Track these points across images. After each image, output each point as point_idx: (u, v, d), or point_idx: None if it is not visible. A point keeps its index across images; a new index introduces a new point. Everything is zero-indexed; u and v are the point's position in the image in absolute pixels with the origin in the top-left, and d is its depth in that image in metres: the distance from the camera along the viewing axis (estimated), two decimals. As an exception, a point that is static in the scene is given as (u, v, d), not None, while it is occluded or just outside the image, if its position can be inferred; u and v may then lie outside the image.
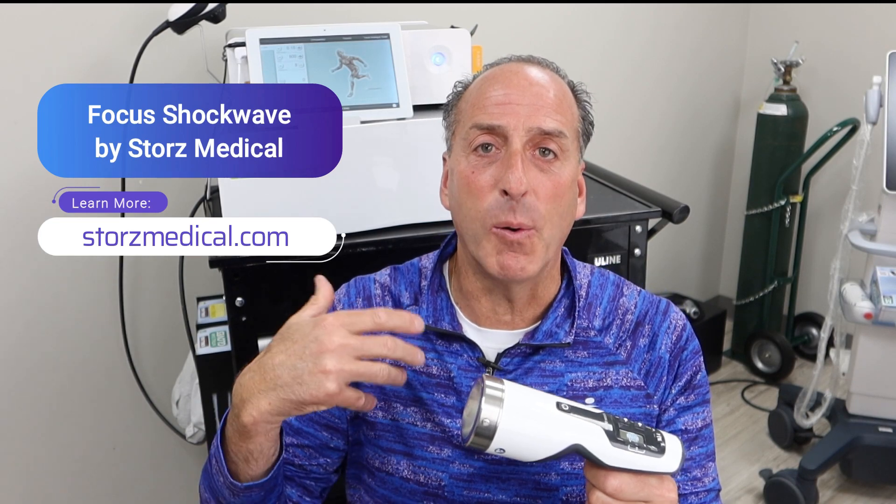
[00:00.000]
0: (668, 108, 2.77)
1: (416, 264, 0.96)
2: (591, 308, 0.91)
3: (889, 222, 1.95)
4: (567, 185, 0.83)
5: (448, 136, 0.90)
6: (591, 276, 0.94)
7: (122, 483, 1.82)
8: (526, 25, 2.23)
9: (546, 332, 0.87)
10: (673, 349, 0.89)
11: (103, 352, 1.71)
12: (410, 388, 0.89)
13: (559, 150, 0.82)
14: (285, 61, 1.20)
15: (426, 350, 0.89)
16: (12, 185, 1.53)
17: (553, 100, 0.83)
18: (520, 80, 0.83)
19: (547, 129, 0.80)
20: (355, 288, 0.96)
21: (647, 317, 0.91)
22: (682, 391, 0.89)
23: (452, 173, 0.87)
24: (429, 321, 0.89)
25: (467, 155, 0.83)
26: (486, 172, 0.81)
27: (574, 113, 0.86)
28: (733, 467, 2.29)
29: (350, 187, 1.23)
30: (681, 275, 3.06)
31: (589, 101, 0.90)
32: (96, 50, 1.56)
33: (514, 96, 0.81)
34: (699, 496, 0.88)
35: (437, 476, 0.87)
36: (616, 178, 1.63)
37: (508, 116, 0.80)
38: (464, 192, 0.83)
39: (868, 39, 2.55)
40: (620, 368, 0.88)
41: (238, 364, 1.27)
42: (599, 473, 0.70)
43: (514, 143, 0.80)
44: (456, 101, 0.89)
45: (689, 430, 0.89)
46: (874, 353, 2.03)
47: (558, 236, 0.84)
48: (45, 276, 1.61)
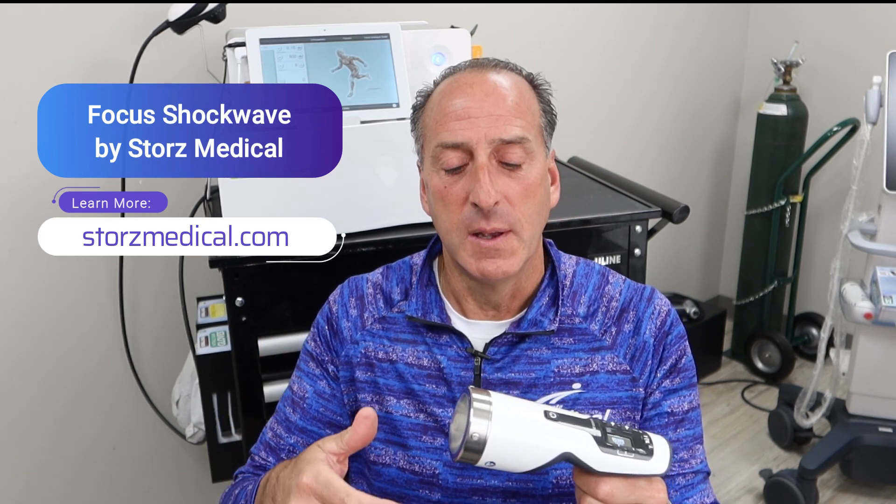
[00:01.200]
0: (668, 108, 2.77)
1: (407, 262, 0.99)
2: (575, 296, 0.93)
3: (889, 222, 1.95)
4: (537, 182, 0.85)
5: (417, 148, 0.92)
6: (576, 266, 0.96)
7: (122, 483, 1.82)
8: (526, 25, 2.23)
9: (531, 321, 0.89)
10: (657, 334, 0.91)
11: (103, 352, 1.71)
12: (402, 380, 0.91)
13: (524, 154, 0.84)
14: (285, 61, 1.20)
15: (416, 343, 0.92)
16: (12, 185, 1.53)
17: (512, 106, 0.84)
18: (475, 91, 0.84)
19: (509, 139, 0.82)
20: (348, 288, 0.98)
21: (632, 303, 0.93)
22: (668, 374, 0.91)
23: (427, 185, 0.89)
24: (418, 314, 0.91)
25: (437, 170, 0.85)
26: (457, 185, 0.84)
27: (535, 110, 0.87)
28: (733, 467, 2.29)
29: (350, 187, 1.23)
30: (681, 275, 3.06)
31: (549, 89, 0.91)
32: (96, 50, 1.56)
33: (473, 109, 0.83)
34: (686, 477, 0.89)
35: (432, 465, 0.89)
36: (616, 178, 1.63)
37: (469, 131, 0.82)
38: (439, 206, 0.86)
39: (868, 39, 2.55)
40: (606, 353, 0.90)
41: (238, 364, 1.27)
42: (590, 480, 0.70)
43: (479, 156, 0.82)
44: (420, 112, 0.90)
45: (675, 412, 0.90)
46: (874, 353, 2.03)
47: (538, 231, 0.87)
48: (45, 276, 1.60)
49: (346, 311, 0.96)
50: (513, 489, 0.89)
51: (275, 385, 1.29)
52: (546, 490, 0.88)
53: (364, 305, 0.96)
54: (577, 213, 1.39)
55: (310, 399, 0.95)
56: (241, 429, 1.34)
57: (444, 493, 0.89)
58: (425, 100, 0.90)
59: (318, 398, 0.95)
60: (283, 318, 1.28)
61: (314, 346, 0.97)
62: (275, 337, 1.27)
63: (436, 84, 0.90)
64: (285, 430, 0.95)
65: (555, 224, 1.35)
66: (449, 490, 0.89)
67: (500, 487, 0.89)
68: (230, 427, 1.45)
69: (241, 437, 1.39)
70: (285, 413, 0.96)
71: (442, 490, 0.89)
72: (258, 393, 1.29)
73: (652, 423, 0.90)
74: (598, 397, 0.89)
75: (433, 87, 0.90)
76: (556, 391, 0.88)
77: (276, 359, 1.28)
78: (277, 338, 1.27)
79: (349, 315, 0.95)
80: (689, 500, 0.88)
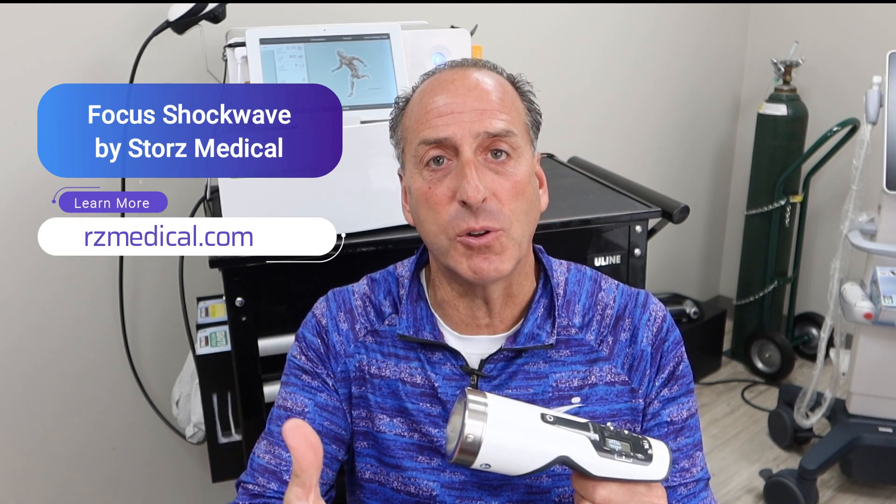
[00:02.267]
0: (668, 108, 2.77)
1: (392, 272, 0.95)
2: (569, 305, 0.90)
3: (889, 222, 1.95)
4: (525, 181, 0.82)
5: (398, 153, 0.89)
6: (567, 273, 0.93)
7: (122, 483, 1.82)
8: (526, 25, 2.23)
9: (528, 335, 0.86)
10: (654, 341, 0.89)
11: (103, 351, 1.71)
12: (396, 397, 0.88)
13: (511, 150, 0.81)
14: (285, 61, 1.20)
15: (410, 360, 0.88)
16: (12, 185, 1.53)
17: (496, 100, 0.81)
18: (457, 87, 0.82)
19: (494, 132, 0.80)
20: (335, 302, 0.94)
21: (627, 310, 0.90)
22: (666, 383, 0.89)
23: (410, 191, 0.86)
24: (409, 331, 0.88)
25: (420, 171, 0.82)
26: (442, 185, 0.80)
27: (519, 108, 0.85)
28: (733, 467, 2.29)
29: (350, 187, 1.23)
30: (681, 275, 3.06)
31: (532, 91, 0.88)
32: (96, 50, 1.56)
33: (456, 104, 0.80)
34: (688, 486, 0.88)
35: (429, 486, 0.87)
36: (616, 178, 1.63)
37: (453, 126, 0.79)
38: (424, 208, 0.82)
39: (868, 39, 2.55)
40: (604, 365, 0.88)
41: (238, 364, 1.27)
42: (588, 484, 0.69)
43: (464, 152, 0.79)
44: (400, 117, 0.87)
45: (675, 421, 0.89)
46: (874, 353, 2.03)
47: (528, 232, 0.84)
48: (45, 276, 1.61)
49: (336, 324, 0.92)
50: None
51: (275, 385, 1.29)
52: None
53: (355, 318, 0.92)
54: (577, 213, 1.39)
55: (311, 413, 0.90)
56: (241, 429, 1.34)
57: None
58: (405, 103, 0.87)
59: (321, 411, 0.90)
60: (283, 318, 1.27)
61: (305, 360, 0.92)
62: (275, 337, 1.27)
63: (414, 89, 0.87)
64: (285, 449, 0.88)
65: (555, 224, 1.35)
66: None
67: None
68: (230, 427, 1.45)
69: (241, 437, 1.39)
70: None
71: None
72: (258, 393, 1.29)
73: (652, 434, 0.88)
74: (597, 410, 0.87)
75: (412, 92, 0.88)
76: (555, 406, 0.86)
77: (276, 359, 1.27)
78: (277, 338, 1.27)
79: (339, 329, 0.92)
80: None
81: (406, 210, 0.91)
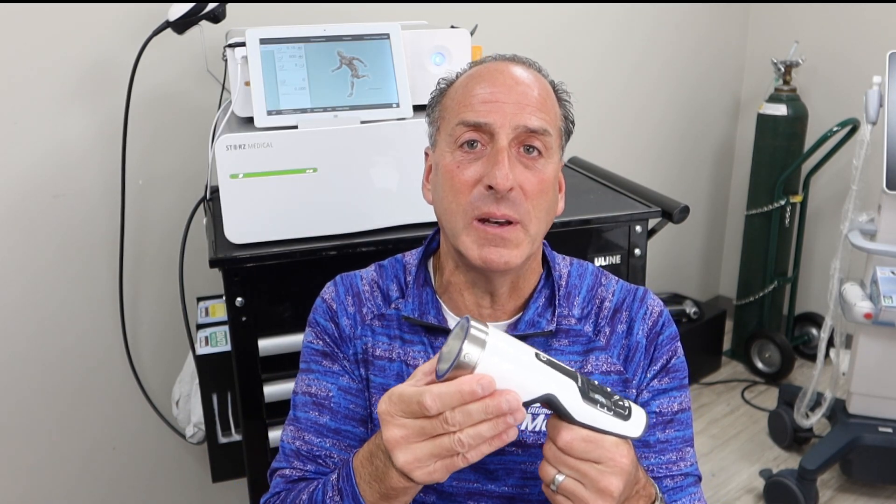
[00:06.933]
0: (668, 108, 2.77)
1: (399, 260, 0.97)
2: (570, 297, 0.92)
3: (889, 222, 1.95)
4: (551, 181, 0.85)
5: (432, 131, 0.91)
6: (570, 266, 0.96)
7: (122, 483, 1.82)
8: (526, 25, 2.23)
9: (529, 322, 0.89)
10: (649, 334, 0.91)
11: (103, 352, 1.71)
12: (401, 379, 0.89)
13: (543, 148, 0.84)
14: (285, 61, 1.20)
15: (414, 343, 0.91)
16: (12, 184, 1.53)
17: (538, 98, 0.84)
18: (505, 79, 0.84)
19: (532, 127, 0.82)
20: (343, 286, 0.96)
21: (625, 304, 0.93)
22: (657, 374, 0.90)
23: (436, 168, 0.88)
24: (415, 314, 0.90)
25: (452, 151, 0.84)
26: (470, 168, 0.82)
27: (556, 112, 0.88)
28: (733, 467, 2.29)
29: (350, 187, 1.23)
30: (681, 275, 3.06)
31: (569, 100, 0.91)
32: (96, 50, 1.56)
33: (501, 94, 0.82)
34: (675, 479, 0.89)
35: None
36: (616, 178, 1.63)
37: (495, 114, 0.81)
38: (447, 187, 0.84)
39: (868, 39, 2.55)
40: (600, 354, 0.90)
41: (238, 364, 1.27)
42: (560, 425, 0.70)
43: (500, 140, 0.81)
44: (440, 97, 0.90)
45: (664, 412, 0.90)
46: (874, 353, 2.03)
47: (543, 230, 0.86)
48: (44, 276, 1.61)
49: (345, 308, 0.94)
50: (509, 494, 0.89)
51: (275, 385, 1.29)
52: (543, 495, 0.86)
53: (362, 301, 0.94)
54: (577, 213, 1.39)
55: (336, 397, 0.91)
56: (241, 429, 1.34)
57: (439, 496, 0.89)
58: (448, 85, 0.90)
59: (345, 395, 0.91)
60: (283, 318, 1.27)
61: (323, 344, 0.93)
62: (275, 337, 1.27)
63: (458, 75, 0.90)
64: (316, 434, 0.90)
65: (555, 224, 1.33)
66: (444, 493, 0.88)
67: (496, 492, 0.88)
68: (230, 427, 1.45)
69: (240, 437, 1.39)
70: (311, 418, 0.91)
71: (437, 493, 0.88)
72: (258, 393, 1.29)
73: None
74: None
75: (455, 77, 0.90)
76: None
77: (276, 359, 1.28)
78: (277, 338, 1.27)
79: (347, 313, 0.93)
80: (677, 502, 0.88)
81: (426, 188, 0.93)
